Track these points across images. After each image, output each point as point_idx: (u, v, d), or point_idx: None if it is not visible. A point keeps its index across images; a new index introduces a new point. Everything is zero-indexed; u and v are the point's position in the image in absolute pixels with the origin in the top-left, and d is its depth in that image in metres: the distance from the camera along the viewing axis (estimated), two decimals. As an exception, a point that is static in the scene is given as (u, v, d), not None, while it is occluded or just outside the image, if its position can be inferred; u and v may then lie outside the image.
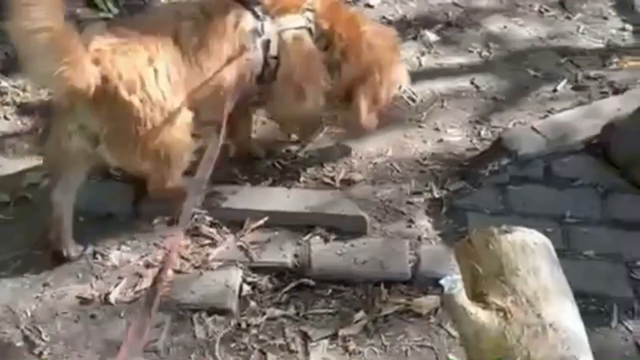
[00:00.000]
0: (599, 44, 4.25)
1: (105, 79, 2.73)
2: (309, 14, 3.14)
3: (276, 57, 3.06)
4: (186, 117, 2.92)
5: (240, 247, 3.06)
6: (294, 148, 3.53)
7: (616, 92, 3.85)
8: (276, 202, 3.20)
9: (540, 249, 2.49)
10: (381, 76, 3.27)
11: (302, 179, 3.38)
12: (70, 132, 2.82)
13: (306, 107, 3.22)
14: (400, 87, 3.49)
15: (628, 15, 4.47)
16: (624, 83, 3.90)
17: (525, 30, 4.32)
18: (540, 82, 3.97)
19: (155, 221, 3.14)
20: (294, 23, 3.11)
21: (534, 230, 2.58)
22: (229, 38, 2.99)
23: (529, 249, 2.46)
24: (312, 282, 2.96)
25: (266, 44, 3.03)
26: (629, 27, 4.36)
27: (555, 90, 3.91)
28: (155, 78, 2.83)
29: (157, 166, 2.95)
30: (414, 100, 3.62)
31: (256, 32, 3.03)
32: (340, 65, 3.21)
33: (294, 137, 3.56)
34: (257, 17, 3.04)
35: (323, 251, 3.05)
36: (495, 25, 4.34)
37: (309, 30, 3.13)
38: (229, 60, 2.97)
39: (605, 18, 4.45)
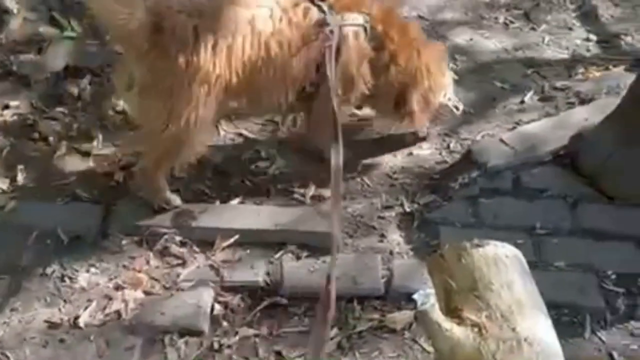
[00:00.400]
0: (564, 55, 4.27)
1: (160, 30, 2.81)
2: (366, 16, 3.27)
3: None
4: (215, 107, 2.99)
5: (211, 267, 3.02)
6: (263, 164, 3.50)
7: (582, 102, 3.88)
8: (247, 219, 3.17)
9: (513, 262, 2.49)
10: (429, 82, 3.40)
11: (272, 195, 3.35)
12: (123, 76, 3.00)
13: (350, 102, 3.38)
14: (445, 95, 3.55)
15: (592, 26, 4.50)
16: (590, 93, 3.93)
17: (491, 42, 4.34)
18: (507, 94, 3.98)
19: (124, 242, 3.10)
20: (354, 20, 3.23)
21: (505, 243, 2.59)
22: (301, 27, 3.10)
23: (501, 262, 2.45)
24: (284, 301, 2.94)
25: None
26: (593, 37, 4.40)
27: (522, 102, 3.93)
28: (212, 49, 2.89)
29: (167, 142, 2.99)
30: (458, 109, 3.62)
31: (322, 24, 3.11)
32: (389, 69, 3.32)
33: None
34: (322, 11, 3.14)
35: (295, 269, 3.02)
36: (461, 37, 4.36)
37: (365, 30, 3.25)
38: (305, 44, 3.09)
39: (570, 29, 4.48)
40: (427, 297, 2.25)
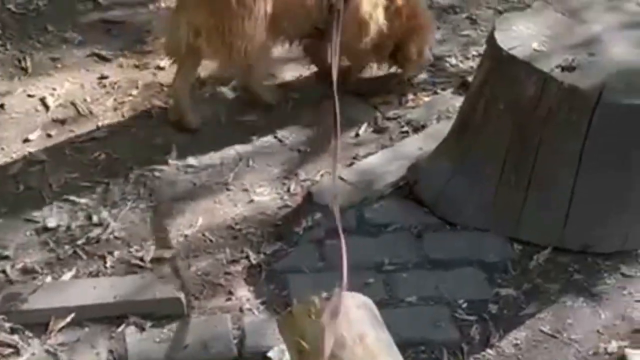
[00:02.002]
0: (394, 82, 4.29)
1: None
2: None
3: None
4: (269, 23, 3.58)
5: (48, 352, 2.80)
6: (96, 231, 3.30)
7: (416, 130, 3.89)
8: (82, 295, 2.96)
9: (363, 313, 2.44)
10: (427, 37, 4.04)
11: (108, 264, 3.15)
12: (180, 26, 3.56)
13: (365, 43, 3.84)
14: (430, 49, 4.16)
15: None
16: (421, 120, 3.95)
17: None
18: (341, 128, 3.93)
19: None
20: None
21: (355, 293, 2.54)
22: None
23: (352, 315, 2.40)
24: (132, 378, 2.76)
25: None
26: (419, 62, 4.45)
27: (357, 135, 3.90)
28: None
29: (243, 64, 3.71)
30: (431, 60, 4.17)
31: None
32: (394, 21, 3.86)
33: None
34: None
35: (140, 341, 2.84)
36: (289, 74, 4.30)
37: None
38: None
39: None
40: (283, 352, 2.17)
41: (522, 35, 3.33)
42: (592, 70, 3.16)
